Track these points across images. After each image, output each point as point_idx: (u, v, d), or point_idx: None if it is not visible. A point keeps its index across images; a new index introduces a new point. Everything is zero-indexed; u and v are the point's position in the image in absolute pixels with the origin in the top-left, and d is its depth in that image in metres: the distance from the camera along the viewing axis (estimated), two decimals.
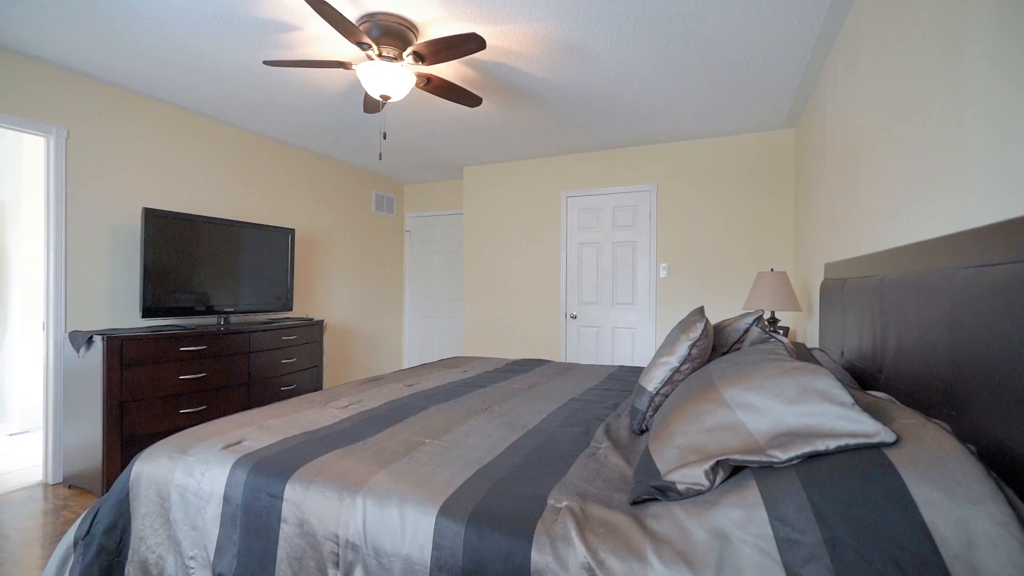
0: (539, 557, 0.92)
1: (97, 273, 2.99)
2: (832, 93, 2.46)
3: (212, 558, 1.24)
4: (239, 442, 1.44)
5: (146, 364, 2.72)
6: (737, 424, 1.03)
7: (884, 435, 0.85)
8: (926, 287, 1.16)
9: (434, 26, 2.27)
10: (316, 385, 3.95)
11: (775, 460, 0.91)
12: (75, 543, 1.35)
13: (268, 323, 3.57)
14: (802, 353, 1.77)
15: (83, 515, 1.40)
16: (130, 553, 1.35)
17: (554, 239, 4.52)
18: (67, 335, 2.78)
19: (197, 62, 2.69)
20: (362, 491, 1.14)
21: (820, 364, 1.31)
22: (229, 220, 3.43)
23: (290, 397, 3.59)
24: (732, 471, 1.00)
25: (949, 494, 0.73)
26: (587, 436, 1.52)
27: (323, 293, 4.65)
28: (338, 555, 1.10)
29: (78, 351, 2.68)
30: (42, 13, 2.21)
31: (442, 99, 3.03)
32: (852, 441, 0.86)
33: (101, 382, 2.55)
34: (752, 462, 0.92)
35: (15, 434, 3.64)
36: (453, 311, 5.52)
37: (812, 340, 2.98)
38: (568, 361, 4.14)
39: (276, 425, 1.59)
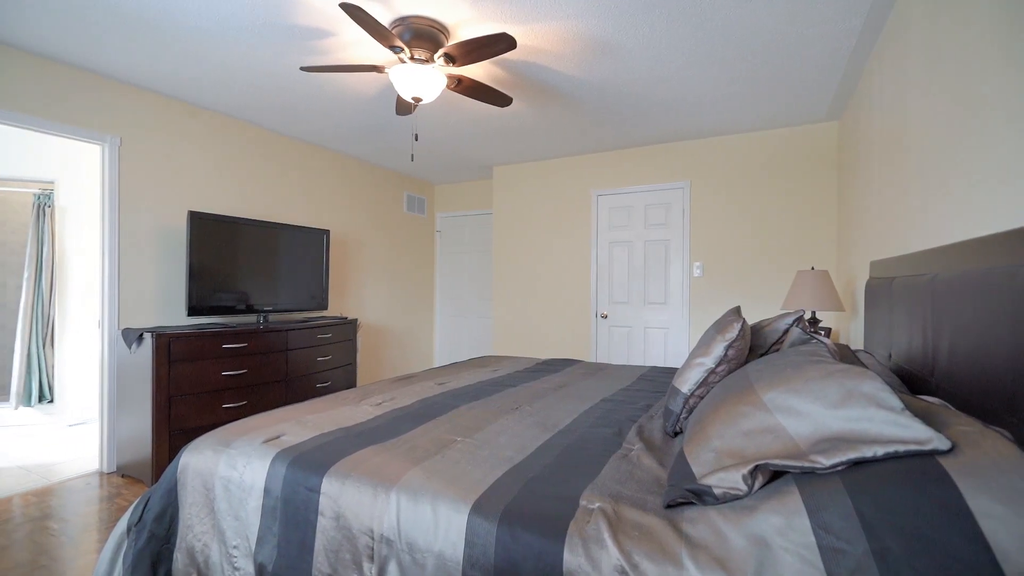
0: (571, 558, 0.92)
1: (147, 273, 3.14)
2: (879, 82, 2.35)
3: (254, 548, 1.29)
4: (278, 436, 1.48)
5: (191, 360, 2.84)
6: (776, 428, 1.00)
7: (938, 442, 0.80)
8: (985, 285, 1.09)
9: (465, 27, 2.29)
10: (350, 382, 4.04)
11: (818, 466, 0.87)
12: (128, 529, 1.42)
13: (304, 322, 3.68)
14: (846, 355, 1.70)
15: (135, 503, 1.47)
16: (178, 540, 1.42)
17: (584, 238, 4.48)
18: (120, 332, 2.94)
19: (238, 70, 2.79)
20: (396, 487, 1.16)
21: (865, 367, 1.25)
22: (268, 222, 3.55)
23: (325, 394, 3.69)
24: (771, 476, 0.97)
25: (1011, 506, 0.68)
26: (619, 437, 1.50)
27: (356, 292, 4.75)
28: (373, 549, 1.13)
29: (130, 347, 2.83)
30: (97, 28, 2.34)
31: (472, 100, 3.05)
32: (902, 448, 0.82)
33: (151, 377, 2.68)
34: (793, 467, 0.89)
35: (74, 425, 3.87)
36: (482, 310, 5.55)
37: (856, 342, 2.85)
38: (599, 361, 4.10)
39: (313, 421, 1.64)
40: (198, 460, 1.44)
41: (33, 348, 4.27)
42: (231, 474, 1.37)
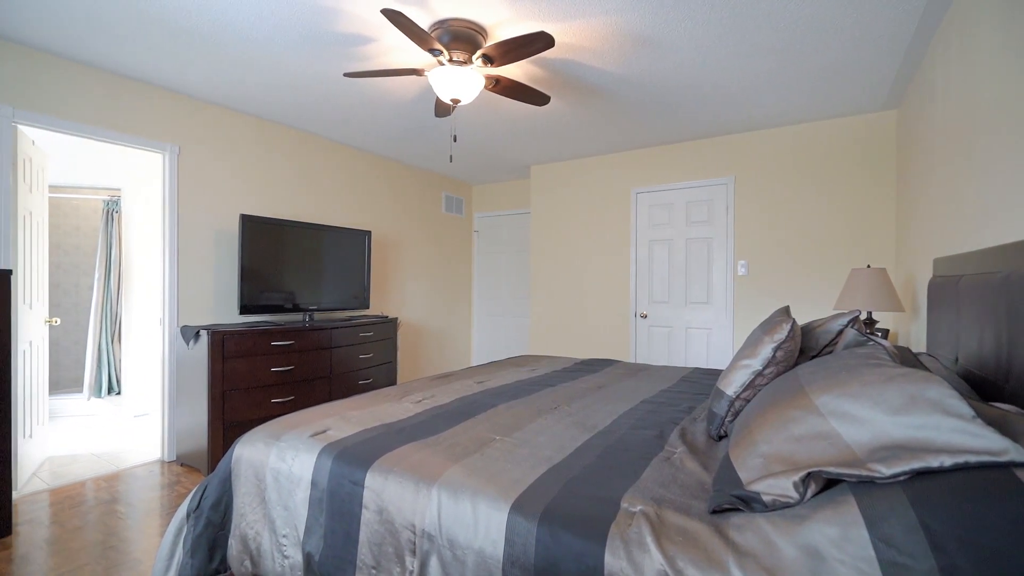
0: (613, 561, 0.90)
1: (203, 273, 3.32)
2: (944, 67, 2.20)
3: (302, 538, 1.34)
4: (324, 431, 1.54)
5: (243, 357, 2.98)
6: (830, 434, 0.95)
7: (1015, 453, 0.74)
8: None
9: (503, 27, 2.30)
10: (391, 380, 4.14)
11: (877, 475, 0.82)
12: (188, 515, 1.51)
13: (347, 320, 3.79)
14: (907, 358, 1.60)
15: (194, 491, 1.56)
16: (232, 527, 1.49)
17: (623, 236, 4.41)
18: (179, 330, 3.12)
19: (285, 78, 2.90)
20: (437, 484, 1.17)
21: (929, 370, 1.17)
22: (313, 223, 3.68)
23: (367, 390, 3.79)
24: (825, 484, 0.92)
25: None
26: (661, 439, 1.47)
27: (396, 292, 4.86)
28: (415, 544, 1.15)
29: (188, 344, 2.99)
30: (158, 44, 2.49)
31: (510, 99, 3.06)
32: (973, 458, 0.77)
33: (207, 372, 2.83)
34: (850, 476, 0.85)
35: (138, 416, 4.14)
36: (520, 310, 5.56)
37: (918, 344, 2.68)
38: (638, 362, 4.03)
39: (357, 417, 1.68)
40: (250, 452, 1.51)
41: (103, 344, 4.60)
42: (280, 466, 1.43)
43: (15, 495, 2.55)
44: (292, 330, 3.24)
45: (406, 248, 4.97)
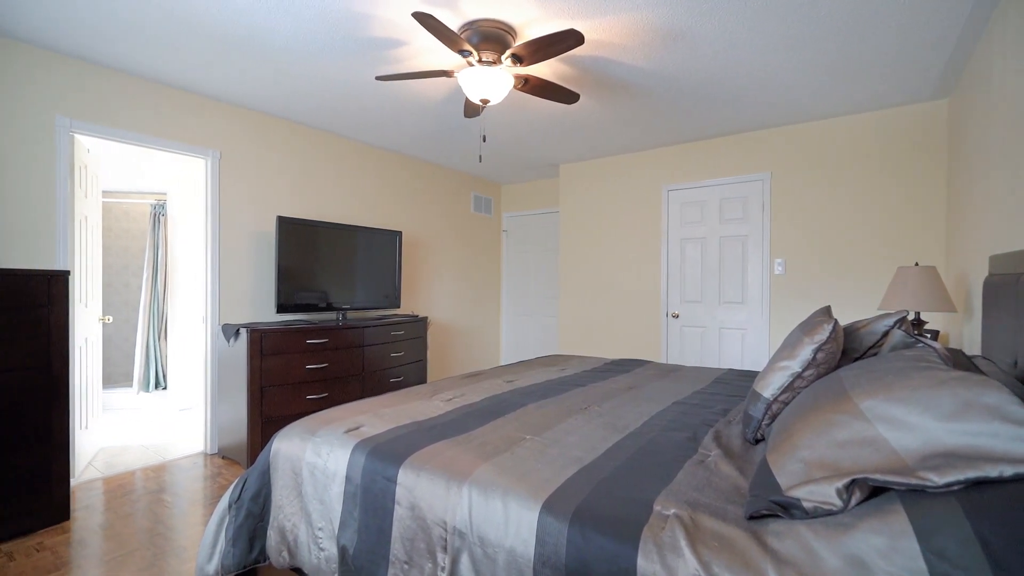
0: (646, 564, 0.89)
1: (242, 273, 3.45)
2: (1001, 52, 2.07)
3: (337, 531, 1.37)
4: (358, 427, 1.57)
5: (280, 354, 3.08)
6: (876, 439, 0.91)
7: None
8: None
9: (532, 27, 2.29)
10: (421, 378, 4.19)
11: (929, 484, 0.78)
12: (229, 506, 1.57)
13: (379, 319, 3.86)
14: (960, 361, 1.51)
15: (235, 483, 1.62)
16: (271, 519, 1.54)
17: (654, 235, 4.34)
18: (220, 327, 3.25)
19: (319, 83, 2.98)
20: (467, 481, 1.18)
21: (985, 374, 1.11)
22: (345, 224, 3.76)
23: (398, 388, 3.85)
24: (870, 492, 0.88)
25: None
26: (694, 442, 1.44)
27: (426, 291, 4.92)
28: (446, 540, 1.16)
29: (228, 341, 3.11)
30: (200, 53, 2.59)
31: (539, 98, 3.05)
32: None
33: (246, 369, 2.94)
34: (899, 484, 0.81)
35: (183, 409, 4.33)
36: (548, 309, 5.54)
37: (971, 347, 2.54)
38: (670, 363, 3.96)
39: (389, 414, 1.71)
40: (287, 446, 1.56)
41: (150, 341, 4.83)
42: (316, 461, 1.47)
43: (73, 483, 2.71)
44: (326, 328, 3.32)
45: (436, 248, 5.02)
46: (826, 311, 1.58)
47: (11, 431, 2.09)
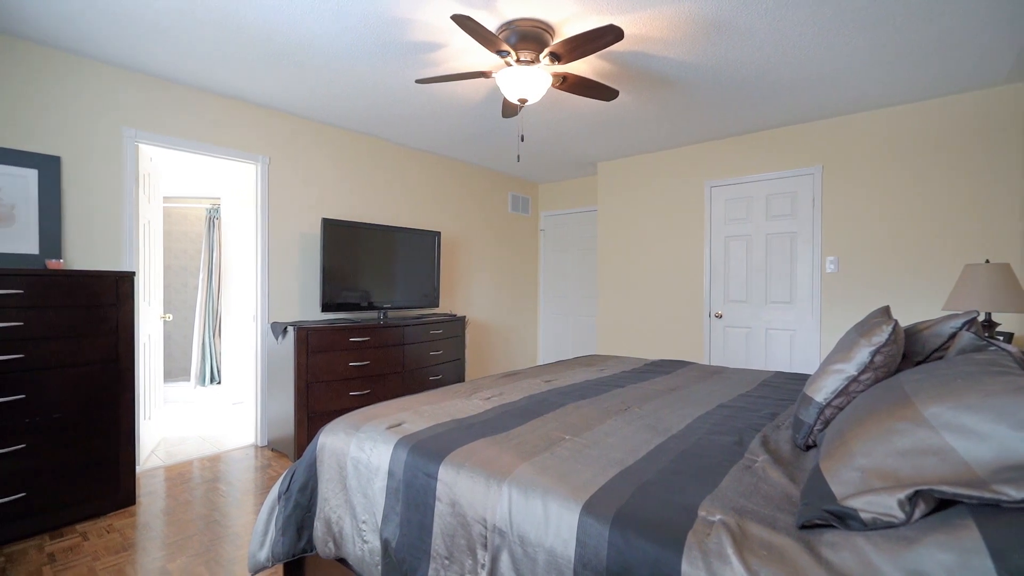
0: (690, 571, 0.87)
1: (289, 273, 3.59)
2: None
3: (380, 524, 1.41)
4: (400, 424, 1.60)
5: (325, 352, 3.18)
6: (943, 449, 0.85)
7: None
8: None
9: (570, 24, 2.28)
10: (459, 376, 4.24)
11: (1004, 498, 0.73)
12: (279, 496, 1.63)
13: (418, 318, 3.93)
14: None
15: (284, 474, 1.68)
16: (317, 510, 1.60)
17: (696, 233, 4.22)
18: (269, 325, 3.39)
19: (361, 88, 3.06)
20: (507, 480, 1.19)
21: None
22: (385, 225, 3.85)
23: (437, 386, 3.91)
24: (936, 505, 0.83)
25: None
26: (740, 446, 1.39)
27: (464, 290, 4.97)
28: (486, 538, 1.17)
29: (277, 339, 3.25)
30: (250, 63, 2.72)
31: (577, 96, 3.02)
32: None
33: (293, 365, 3.06)
34: (970, 497, 0.75)
35: (235, 403, 4.55)
36: (586, 309, 5.49)
37: None
38: (713, 364, 3.85)
39: (429, 411, 1.74)
40: (333, 441, 1.61)
41: (206, 338, 5.10)
42: (360, 455, 1.51)
43: (138, 470, 2.90)
44: (368, 327, 3.41)
45: (474, 248, 5.07)
46: (885, 311, 1.49)
47: (87, 420, 2.26)
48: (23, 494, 2.09)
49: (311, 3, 2.13)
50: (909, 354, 1.56)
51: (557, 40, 2.37)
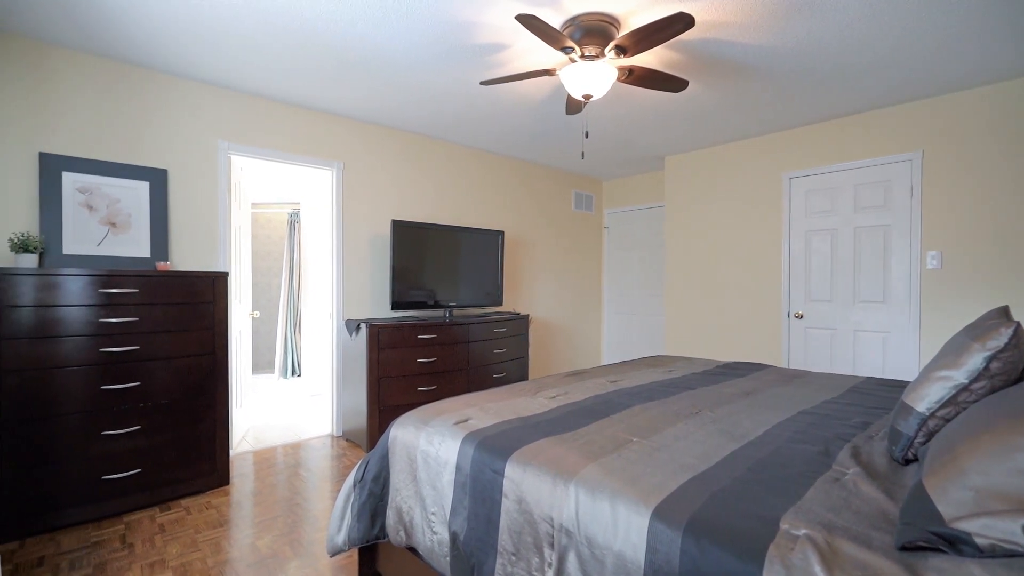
0: None
1: (362, 273, 3.77)
2: None
3: (448, 517, 1.44)
4: (466, 420, 1.64)
5: (395, 348, 3.32)
6: None
7: None
8: None
9: (636, 15, 2.21)
10: (522, 375, 4.26)
11: None
12: (354, 484, 1.72)
13: (482, 316, 4.00)
14: None
15: (359, 464, 1.77)
16: (389, 500, 1.67)
17: (774, 227, 3.97)
18: (344, 322, 3.59)
19: (428, 93, 3.16)
20: (574, 480, 1.18)
21: None
22: (451, 225, 3.95)
23: (501, 384, 3.96)
24: None
25: None
26: (827, 457, 1.29)
27: (527, 289, 4.99)
28: (553, 537, 1.16)
29: (351, 335, 3.43)
30: (326, 74, 2.89)
31: (644, 88, 2.94)
32: None
33: (365, 360, 3.21)
34: None
35: (314, 395, 4.86)
36: (651, 308, 5.32)
37: None
38: (792, 367, 3.60)
39: (494, 408, 1.76)
40: (404, 434, 1.68)
41: (288, 334, 5.49)
42: (429, 449, 1.56)
43: (231, 453, 3.17)
44: (434, 325, 3.52)
45: (537, 246, 5.07)
46: (1003, 312, 1.33)
47: (189, 406, 2.51)
48: (139, 470, 2.36)
49: (382, 16, 2.22)
50: None
51: (623, 32, 2.31)
